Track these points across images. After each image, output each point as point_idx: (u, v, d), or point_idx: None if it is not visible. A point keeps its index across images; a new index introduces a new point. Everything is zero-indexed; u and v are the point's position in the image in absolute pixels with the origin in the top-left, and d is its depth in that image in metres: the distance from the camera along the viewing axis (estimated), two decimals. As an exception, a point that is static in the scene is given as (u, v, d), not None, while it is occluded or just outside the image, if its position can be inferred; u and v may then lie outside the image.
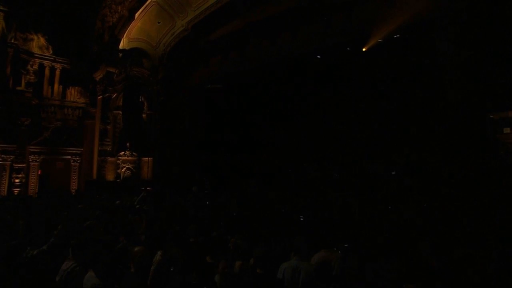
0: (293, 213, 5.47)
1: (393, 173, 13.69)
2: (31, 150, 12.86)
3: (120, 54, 13.99)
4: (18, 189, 12.10)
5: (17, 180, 12.11)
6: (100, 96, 14.38)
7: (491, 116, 6.48)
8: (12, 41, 12.39)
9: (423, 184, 7.68)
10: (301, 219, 4.97)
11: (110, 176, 14.12)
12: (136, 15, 13.90)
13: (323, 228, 4.46)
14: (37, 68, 13.27)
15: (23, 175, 12.38)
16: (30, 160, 12.80)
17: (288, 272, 2.51)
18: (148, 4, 13.66)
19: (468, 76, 7.03)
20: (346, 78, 13.25)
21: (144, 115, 15.26)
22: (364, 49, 9.78)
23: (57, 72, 13.98)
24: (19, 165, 12.25)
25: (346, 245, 3.17)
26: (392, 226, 4.53)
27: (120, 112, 14.34)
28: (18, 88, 12.54)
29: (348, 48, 10.26)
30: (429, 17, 7.76)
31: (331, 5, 8.87)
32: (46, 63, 13.61)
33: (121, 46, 14.53)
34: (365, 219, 4.63)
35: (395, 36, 9.43)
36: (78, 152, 14.15)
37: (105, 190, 11.69)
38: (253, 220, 4.87)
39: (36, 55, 13.26)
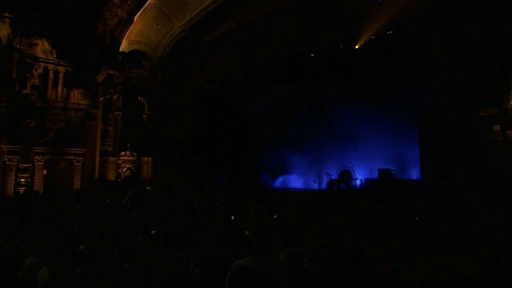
0: (268, 211, 5.49)
1: (393, 171, 13.47)
2: (36, 150, 13.37)
3: (120, 57, 14.31)
4: (23, 188, 12.61)
5: (22, 180, 12.63)
6: (102, 98, 14.78)
7: (481, 113, 6.24)
8: (18, 46, 12.94)
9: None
10: (275, 217, 5.01)
11: (111, 176, 14.48)
12: (135, 18, 14.18)
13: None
14: (41, 71, 13.78)
15: (28, 175, 12.89)
16: (35, 160, 13.31)
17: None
18: (147, 6, 13.91)
19: (458, 72, 6.81)
20: (341, 76, 13.16)
21: (144, 116, 15.56)
22: (356, 47, 9.62)
23: (61, 75, 14.47)
24: (24, 165, 12.77)
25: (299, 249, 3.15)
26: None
27: (120, 113, 14.67)
28: (24, 91, 13.08)
29: (342, 46, 10.13)
30: (418, 16, 7.57)
31: (321, 4, 8.78)
32: (50, 66, 14.11)
33: (121, 48, 14.87)
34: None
35: (388, 33, 9.25)
36: (80, 152, 14.59)
37: (105, 189, 12.05)
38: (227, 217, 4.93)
39: (40, 59, 13.76)
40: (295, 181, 16.12)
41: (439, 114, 7.62)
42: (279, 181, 16.67)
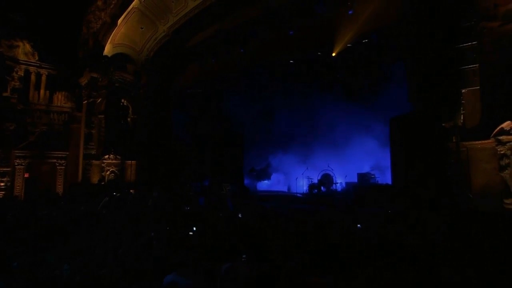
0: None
1: (373, 176, 13.74)
2: (17, 154, 13.23)
3: (103, 60, 14.26)
4: (3, 193, 12.49)
5: (2, 184, 12.51)
6: (85, 101, 14.69)
7: (443, 124, 6.49)
8: (-3, 48, 12.77)
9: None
10: (240, 216, 5.18)
11: (95, 179, 14.42)
12: (119, 21, 14.15)
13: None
14: (22, 74, 13.62)
15: (8, 179, 12.76)
16: (16, 164, 13.17)
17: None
18: (130, 10, 13.90)
19: (424, 84, 7.05)
20: (323, 81, 13.42)
21: (128, 119, 15.54)
22: (333, 54, 9.84)
23: (43, 78, 14.33)
24: (4, 169, 12.64)
25: (244, 256, 3.30)
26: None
27: (104, 116, 14.61)
28: (4, 94, 12.93)
29: (319, 53, 10.34)
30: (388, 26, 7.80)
31: (296, 12, 8.97)
32: (31, 69, 13.96)
33: (106, 51, 14.80)
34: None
35: (363, 41, 9.49)
36: (63, 155, 14.49)
37: (88, 193, 12.03)
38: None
39: (21, 62, 13.61)
40: (279, 184, 16.30)
41: (407, 122, 7.88)
42: (263, 184, 16.82)
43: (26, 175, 13.69)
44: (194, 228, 4.81)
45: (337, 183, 13.87)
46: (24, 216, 6.41)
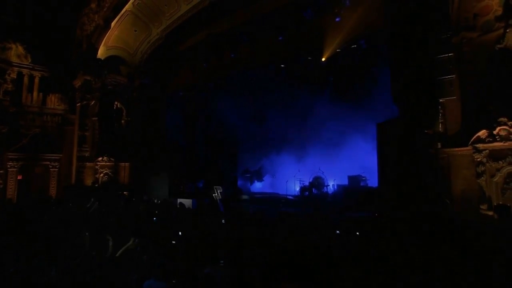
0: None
1: (363, 178, 13.93)
2: (10, 156, 13.24)
3: (97, 63, 14.29)
4: (-5, 195, 12.50)
5: (-6, 186, 12.51)
6: (79, 103, 14.73)
7: (425, 131, 6.65)
8: (-11, 51, 12.75)
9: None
10: (223, 222, 5.32)
11: (88, 181, 14.47)
12: (113, 24, 14.18)
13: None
14: (15, 76, 13.61)
15: (1, 181, 12.77)
16: (8, 166, 13.18)
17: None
18: (124, 13, 13.93)
19: (405, 91, 7.20)
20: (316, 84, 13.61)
21: (122, 121, 15.59)
22: (323, 59, 10.00)
23: (36, 80, 14.32)
24: (-4, 172, 12.64)
25: (221, 262, 3.44)
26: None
27: (97, 119, 14.66)
28: (-4, 96, 12.92)
29: (310, 58, 10.50)
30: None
31: (285, 18, 9.12)
32: (24, 71, 13.95)
33: (99, 54, 14.83)
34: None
35: (352, 46, 9.65)
36: (57, 158, 14.51)
37: (82, 195, 12.10)
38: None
39: (14, 64, 13.59)
40: (273, 186, 16.44)
41: (392, 127, 8.06)
42: (257, 186, 16.96)
43: (19, 178, 13.71)
44: (180, 233, 4.93)
45: (328, 185, 14.05)
46: (15, 220, 6.48)
